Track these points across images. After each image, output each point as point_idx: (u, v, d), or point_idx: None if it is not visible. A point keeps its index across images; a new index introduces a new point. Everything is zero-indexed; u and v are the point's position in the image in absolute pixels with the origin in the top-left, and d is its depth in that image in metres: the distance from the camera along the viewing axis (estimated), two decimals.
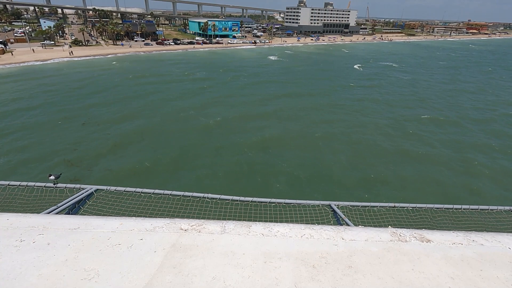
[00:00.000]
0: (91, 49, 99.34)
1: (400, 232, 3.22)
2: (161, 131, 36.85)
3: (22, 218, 3.13)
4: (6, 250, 2.64)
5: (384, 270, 2.64)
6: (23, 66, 71.94)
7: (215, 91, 57.34)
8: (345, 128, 40.05)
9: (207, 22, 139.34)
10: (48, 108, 43.81)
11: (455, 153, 33.91)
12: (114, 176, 26.57)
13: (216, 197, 4.73)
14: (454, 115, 47.33)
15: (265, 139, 35.41)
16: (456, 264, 2.78)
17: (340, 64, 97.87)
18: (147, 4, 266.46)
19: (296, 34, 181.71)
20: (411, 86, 68.34)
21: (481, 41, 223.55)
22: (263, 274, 2.51)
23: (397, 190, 26.31)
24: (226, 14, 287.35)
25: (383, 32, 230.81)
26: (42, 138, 33.64)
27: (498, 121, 45.60)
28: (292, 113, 45.23)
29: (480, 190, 27.20)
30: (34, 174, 25.92)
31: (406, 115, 46.68)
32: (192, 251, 2.73)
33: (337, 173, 28.62)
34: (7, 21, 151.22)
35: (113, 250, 2.71)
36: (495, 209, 5.08)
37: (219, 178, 26.94)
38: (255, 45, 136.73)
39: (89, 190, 4.70)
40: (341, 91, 62.04)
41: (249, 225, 3.17)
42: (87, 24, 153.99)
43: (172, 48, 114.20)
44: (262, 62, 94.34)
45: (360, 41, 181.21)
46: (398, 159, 31.72)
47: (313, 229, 3.18)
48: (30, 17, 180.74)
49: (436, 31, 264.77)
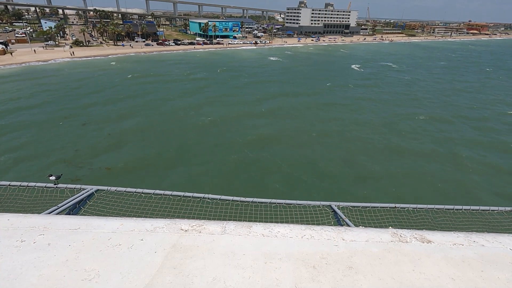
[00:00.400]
0: (92, 49, 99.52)
1: (401, 232, 3.21)
2: (161, 129, 37.17)
3: (22, 218, 3.13)
4: (6, 250, 2.65)
5: (385, 271, 2.64)
6: (24, 67, 72.11)
7: (214, 91, 57.90)
8: (341, 127, 40.57)
9: (208, 23, 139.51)
10: (48, 108, 43.95)
11: (443, 149, 34.68)
12: (114, 174, 26.71)
13: (216, 197, 4.73)
14: (448, 114, 47.80)
15: (261, 137, 35.96)
16: (457, 265, 2.77)
17: (339, 64, 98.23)
18: (148, 4, 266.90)
19: (297, 35, 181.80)
20: (407, 86, 69.10)
21: (482, 41, 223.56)
22: (263, 274, 2.51)
23: (391, 186, 26.84)
24: (226, 15, 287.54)
25: (383, 33, 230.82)
26: (41, 137, 33.76)
27: (492, 120, 46.09)
28: (287, 112, 46.03)
29: (468, 182, 28.04)
30: (32, 172, 26.03)
31: (403, 113, 47.26)
32: (192, 252, 2.73)
33: (331, 168, 29.23)
34: (8, 21, 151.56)
35: (114, 251, 2.71)
36: (496, 210, 5.07)
37: (215, 176, 27.39)
38: (256, 46, 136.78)
39: (89, 190, 4.70)
40: (339, 90, 62.76)
41: (250, 225, 3.17)
42: (88, 25, 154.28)
43: (172, 48, 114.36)
44: (262, 63, 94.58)
45: (361, 42, 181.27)
46: (392, 157, 32.33)
47: (314, 229, 3.17)
48: (31, 17, 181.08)
49: (437, 32, 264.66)
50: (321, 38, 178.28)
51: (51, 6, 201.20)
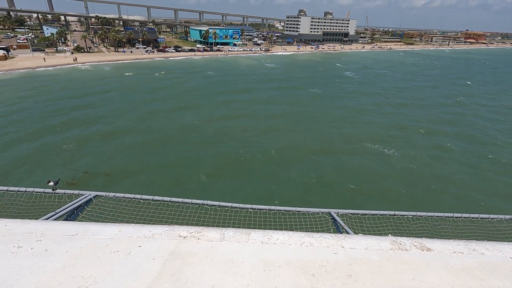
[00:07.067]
0: (93, 55, 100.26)
1: (400, 240, 3.20)
2: (160, 133, 37.53)
3: (20, 224, 3.11)
4: (3, 256, 2.62)
5: (384, 279, 2.61)
6: (24, 72, 72.44)
7: (210, 95, 59.29)
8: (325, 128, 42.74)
9: (208, 30, 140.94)
10: (50, 113, 44.10)
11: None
12: (112, 180, 26.68)
13: (215, 204, 4.71)
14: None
15: (247, 136, 38.40)
16: (457, 273, 2.75)
17: (335, 71, 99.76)
18: (149, 12, 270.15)
19: (296, 43, 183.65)
20: (403, 92, 70.81)
21: (479, 50, 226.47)
22: (262, 282, 2.49)
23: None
24: (227, 22, 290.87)
25: (382, 41, 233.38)
26: (41, 140, 33.75)
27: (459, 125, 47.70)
28: (277, 116, 48.09)
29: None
30: (31, 177, 25.91)
31: (395, 120, 48.12)
32: (191, 259, 2.71)
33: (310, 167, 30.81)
34: (10, 27, 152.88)
35: (111, 257, 2.69)
36: (495, 218, 5.06)
37: (200, 179, 28.04)
38: (255, 53, 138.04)
39: (88, 196, 4.68)
40: (334, 93, 65.00)
41: (249, 232, 3.15)
42: (90, 31, 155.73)
43: (173, 55, 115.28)
44: (260, 70, 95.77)
45: (359, 50, 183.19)
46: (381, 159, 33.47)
47: (313, 237, 3.16)
48: (34, 24, 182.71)
49: (435, 40, 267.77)
50: (320, 46, 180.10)
51: (53, 13, 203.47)
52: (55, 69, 78.69)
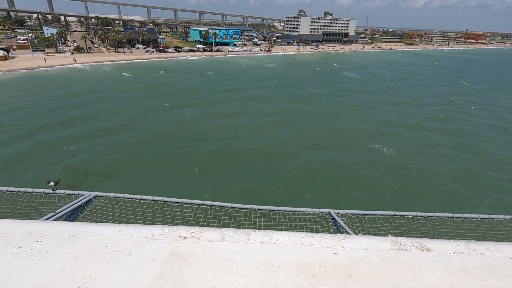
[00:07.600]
0: (93, 56, 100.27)
1: (401, 240, 3.20)
2: (159, 134, 37.70)
3: (20, 224, 3.11)
4: (3, 256, 2.62)
5: (385, 280, 2.61)
6: (24, 73, 72.45)
7: (209, 94, 59.91)
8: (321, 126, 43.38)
9: (208, 30, 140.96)
10: (50, 112, 44.18)
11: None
12: (112, 180, 26.66)
13: (215, 204, 4.71)
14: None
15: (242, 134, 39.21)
16: (457, 273, 2.75)
17: (334, 71, 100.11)
18: (149, 12, 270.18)
19: (296, 43, 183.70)
20: (402, 90, 72.21)
21: (479, 50, 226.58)
22: (262, 282, 2.49)
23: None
24: (227, 23, 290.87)
25: (382, 42, 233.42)
26: (40, 141, 33.78)
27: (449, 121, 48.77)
28: (274, 113, 49.12)
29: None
30: (31, 177, 25.90)
31: (390, 119, 49.07)
32: (191, 259, 2.71)
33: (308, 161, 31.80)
34: (10, 28, 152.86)
35: (111, 258, 2.69)
36: (495, 218, 5.06)
37: (212, 177, 28.23)
38: (255, 53, 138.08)
39: (88, 196, 4.68)
40: (330, 92, 65.80)
41: (249, 233, 3.15)
42: (90, 32, 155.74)
43: (173, 55, 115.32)
44: (260, 70, 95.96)
45: (359, 50, 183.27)
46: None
47: (313, 237, 3.16)
48: (34, 24, 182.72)
49: (435, 41, 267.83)
50: (320, 46, 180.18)
51: (53, 13, 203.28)
52: (55, 69, 78.68)
